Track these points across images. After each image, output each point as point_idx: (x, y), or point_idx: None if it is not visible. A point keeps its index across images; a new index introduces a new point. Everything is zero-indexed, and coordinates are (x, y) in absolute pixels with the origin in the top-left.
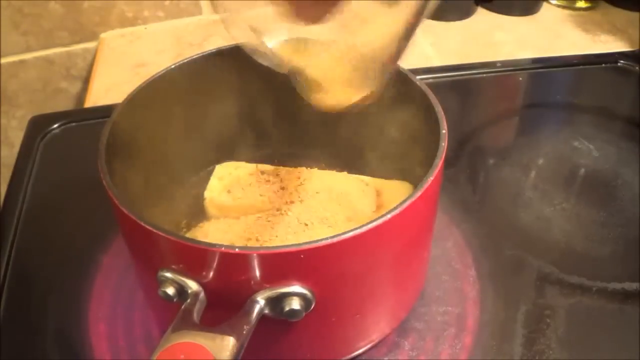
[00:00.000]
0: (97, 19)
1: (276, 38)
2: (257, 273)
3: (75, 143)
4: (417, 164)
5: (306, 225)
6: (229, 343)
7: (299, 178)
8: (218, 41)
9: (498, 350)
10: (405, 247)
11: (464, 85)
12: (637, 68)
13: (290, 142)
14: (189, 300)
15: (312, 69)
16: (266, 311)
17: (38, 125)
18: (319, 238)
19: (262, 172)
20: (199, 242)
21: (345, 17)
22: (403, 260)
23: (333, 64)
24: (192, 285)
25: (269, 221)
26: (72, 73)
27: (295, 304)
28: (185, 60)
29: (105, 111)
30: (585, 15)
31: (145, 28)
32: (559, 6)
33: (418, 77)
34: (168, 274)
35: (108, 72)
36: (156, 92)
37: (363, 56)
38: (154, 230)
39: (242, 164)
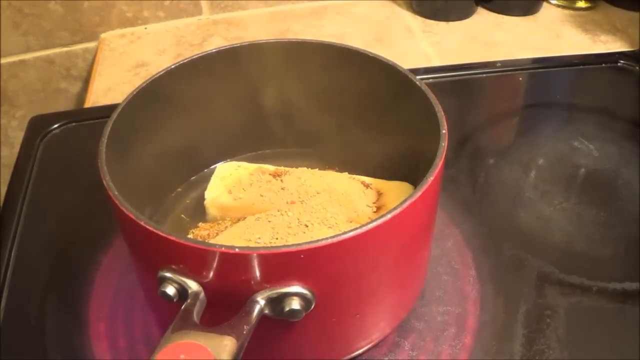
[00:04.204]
0: (97, 19)
1: None
2: (257, 273)
3: (75, 143)
4: (417, 164)
5: (306, 226)
6: (229, 343)
7: (300, 178)
8: (218, 41)
9: (498, 350)
10: (406, 247)
11: (464, 85)
12: (637, 68)
13: (291, 142)
14: (189, 300)
15: None
16: (266, 311)
17: (38, 125)
18: (319, 238)
19: (263, 172)
20: (199, 242)
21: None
22: (403, 260)
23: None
24: (192, 285)
25: (269, 221)
26: (72, 73)
27: (296, 304)
28: (185, 61)
29: (105, 111)
30: (585, 15)
31: (146, 28)
32: (559, 6)
33: (418, 77)
34: (168, 274)
35: (108, 72)
36: (156, 92)
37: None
38: (154, 230)
39: (243, 164)
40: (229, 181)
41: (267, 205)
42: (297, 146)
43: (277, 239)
